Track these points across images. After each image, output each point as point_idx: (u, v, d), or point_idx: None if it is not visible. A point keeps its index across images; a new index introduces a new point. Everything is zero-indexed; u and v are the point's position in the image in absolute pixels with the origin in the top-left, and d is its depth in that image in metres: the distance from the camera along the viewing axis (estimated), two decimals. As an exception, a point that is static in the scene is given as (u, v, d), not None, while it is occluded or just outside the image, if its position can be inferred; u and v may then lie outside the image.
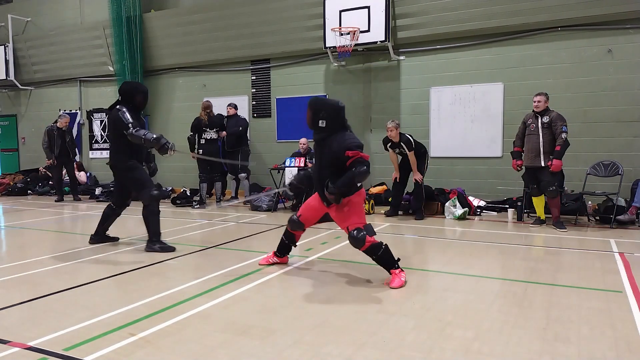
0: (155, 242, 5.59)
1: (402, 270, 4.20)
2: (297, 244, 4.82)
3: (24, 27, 13.73)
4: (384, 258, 4.15)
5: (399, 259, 4.20)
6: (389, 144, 7.89)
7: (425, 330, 3.13)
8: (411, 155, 7.70)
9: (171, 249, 5.56)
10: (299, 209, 4.72)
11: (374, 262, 4.97)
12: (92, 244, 5.91)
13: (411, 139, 7.71)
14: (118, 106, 5.52)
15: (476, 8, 8.53)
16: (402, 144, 7.67)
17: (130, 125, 5.34)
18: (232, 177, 10.14)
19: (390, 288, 4.02)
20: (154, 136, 5.35)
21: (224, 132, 9.54)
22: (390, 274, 4.17)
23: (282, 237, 4.76)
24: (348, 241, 4.11)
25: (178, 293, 3.94)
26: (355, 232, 4.06)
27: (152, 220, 5.60)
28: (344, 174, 4.06)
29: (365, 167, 4.03)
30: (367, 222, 4.16)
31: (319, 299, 3.77)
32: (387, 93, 9.57)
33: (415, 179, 7.79)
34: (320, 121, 4.19)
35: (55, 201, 10.77)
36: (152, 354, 2.80)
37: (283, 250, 4.83)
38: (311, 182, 4.55)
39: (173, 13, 11.51)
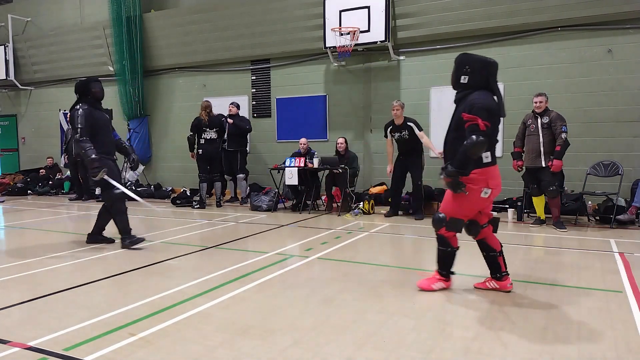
0: (125, 238, 5.72)
1: (444, 280, 3.94)
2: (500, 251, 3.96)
3: (24, 27, 13.73)
4: (440, 256, 3.94)
5: (453, 272, 3.98)
6: (390, 127, 7.93)
7: (425, 330, 3.13)
8: (421, 135, 7.74)
9: (141, 240, 5.72)
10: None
11: (373, 263, 4.99)
12: (89, 244, 5.93)
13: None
14: (77, 105, 5.59)
15: (476, 8, 8.53)
16: (409, 124, 7.74)
17: (78, 131, 5.41)
18: (229, 177, 10.15)
19: (417, 286, 3.96)
20: (91, 157, 5.35)
21: (231, 120, 9.52)
22: (435, 273, 3.98)
23: (484, 255, 4.00)
24: (351, 240, 4.09)
25: (178, 293, 3.94)
26: (438, 215, 3.78)
27: (119, 220, 5.70)
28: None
29: (479, 137, 3.42)
30: (460, 218, 3.72)
31: (319, 299, 3.77)
32: (387, 93, 9.56)
33: (439, 154, 7.53)
34: (462, 77, 3.71)
35: (70, 200, 10.85)
36: (152, 354, 2.80)
37: (492, 266, 3.95)
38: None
39: (173, 13, 11.51)
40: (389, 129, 8.00)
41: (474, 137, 3.44)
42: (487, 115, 3.50)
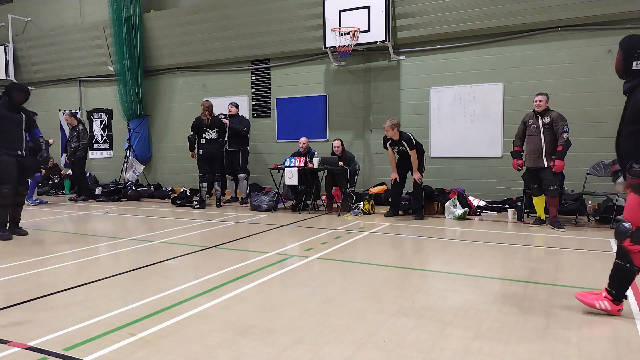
0: None
1: (614, 303, 3.33)
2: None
3: (24, 27, 13.74)
4: (614, 270, 3.34)
5: (625, 297, 3.36)
6: (389, 142, 7.91)
7: (425, 330, 3.13)
8: (412, 154, 7.71)
9: (8, 238, 6.27)
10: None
11: (373, 263, 4.99)
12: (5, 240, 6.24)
13: (412, 137, 7.73)
14: None
15: (476, 8, 8.53)
16: (403, 142, 7.70)
17: None
18: (231, 177, 10.16)
19: (576, 297, 3.49)
20: None
21: (227, 121, 9.55)
22: (603, 290, 3.41)
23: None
24: (351, 240, 4.08)
25: (178, 293, 3.94)
26: (623, 225, 3.25)
27: None
28: None
29: None
30: None
31: (319, 299, 3.77)
32: (387, 93, 9.57)
33: (415, 179, 7.78)
34: (635, 62, 3.23)
35: (70, 200, 10.84)
36: (152, 354, 2.80)
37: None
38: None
39: (173, 13, 11.51)
40: (388, 143, 7.96)
41: None
42: None
